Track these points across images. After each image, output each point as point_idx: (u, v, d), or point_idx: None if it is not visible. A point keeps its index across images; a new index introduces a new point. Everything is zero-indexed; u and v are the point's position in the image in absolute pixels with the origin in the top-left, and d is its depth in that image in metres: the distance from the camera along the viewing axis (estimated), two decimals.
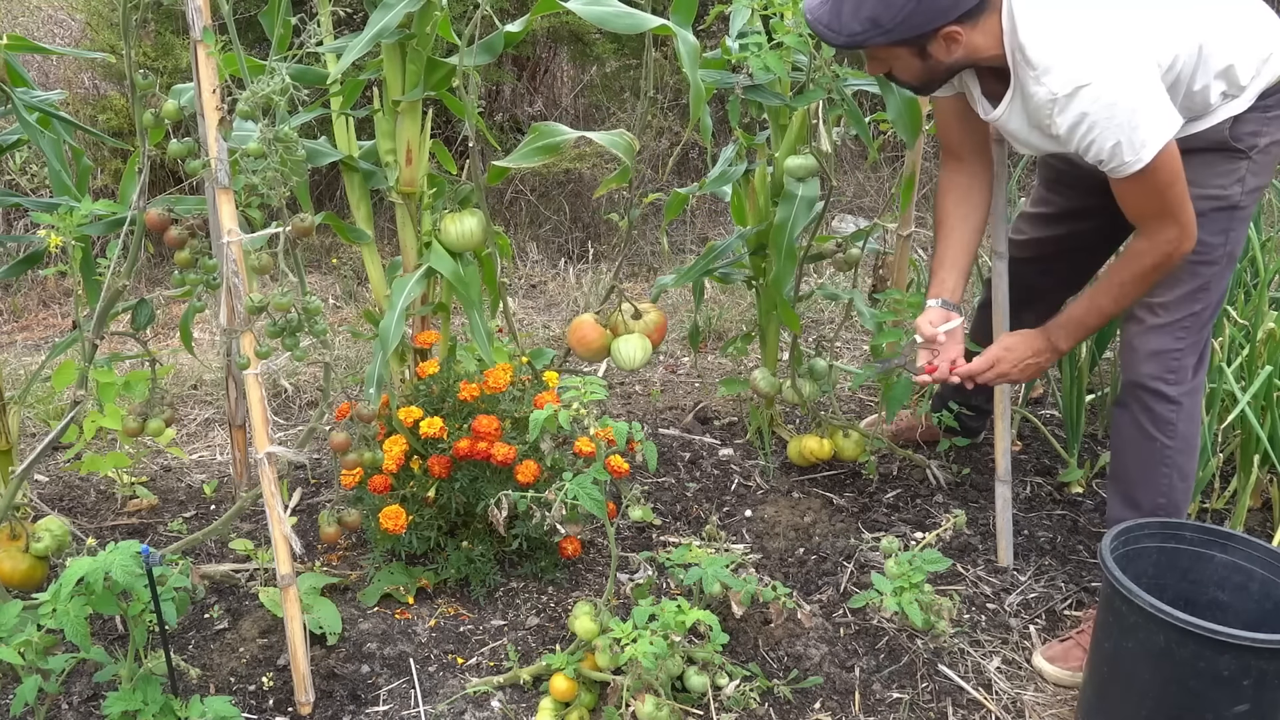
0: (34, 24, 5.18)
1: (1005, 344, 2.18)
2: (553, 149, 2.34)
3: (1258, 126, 1.97)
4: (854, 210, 4.99)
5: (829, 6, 1.87)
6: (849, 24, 1.86)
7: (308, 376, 3.46)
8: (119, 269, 2.06)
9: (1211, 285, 2.06)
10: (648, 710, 1.89)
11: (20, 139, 2.37)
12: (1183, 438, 2.10)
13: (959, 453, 2.85)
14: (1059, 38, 1.84)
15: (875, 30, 1.85)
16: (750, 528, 2.65)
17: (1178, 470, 2.12)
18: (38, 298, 4.35)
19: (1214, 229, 2.01)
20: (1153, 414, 2.10)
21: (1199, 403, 2.13)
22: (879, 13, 1.83)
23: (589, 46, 4.80)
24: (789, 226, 2.48)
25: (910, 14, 1.83)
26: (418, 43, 2.20)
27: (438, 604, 2.35)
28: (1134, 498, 2.16)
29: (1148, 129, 1.81)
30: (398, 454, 2.25)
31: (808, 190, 2.49)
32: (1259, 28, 1.96)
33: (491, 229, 2.35)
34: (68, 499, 2.78)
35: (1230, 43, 1.92)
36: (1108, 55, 1.82)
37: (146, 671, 1.87)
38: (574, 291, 4.35)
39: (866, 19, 1.84)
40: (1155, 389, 2.08)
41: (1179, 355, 2.07)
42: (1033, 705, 2.10)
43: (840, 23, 1.86)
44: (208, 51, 1.77)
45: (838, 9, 1.86)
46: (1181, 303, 2.05)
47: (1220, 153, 1.99)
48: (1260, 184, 2.03)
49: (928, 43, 1.88)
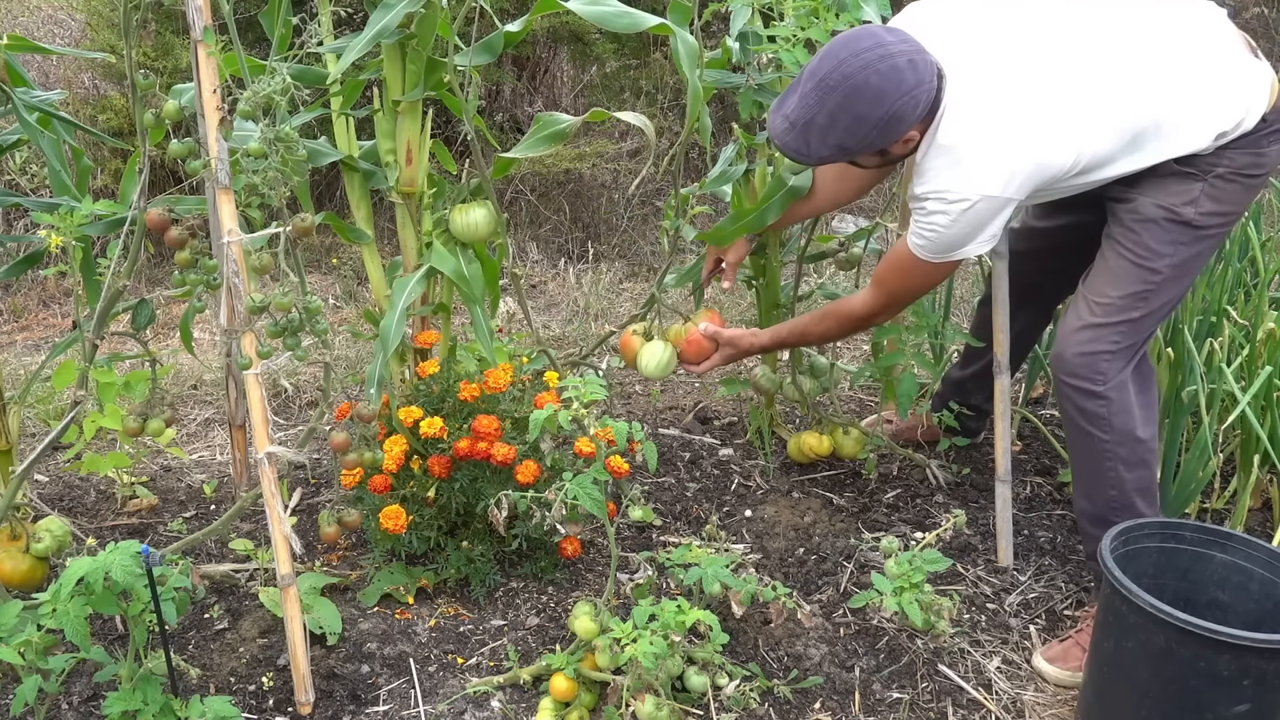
0: (34, 24, 5.18)
1: (727, 339, 2.47)
2: (556, 136, 2.34)
3: (1215, 158, 1.98)
4: (854, 210, 4.98)
5: (796, 134, 1.97)
6: (818, 150, 1.98)
7: (308, 376, 3.46)
8: (119, 269, 2.06)
9: (1153, 295, 2.04)
10: (648, 710, 1.89)
11: (20, 139, 2.36)
12: (1119, 430, 2.08)
13: (959, 453, 2.85)
14: (938, 152, 1.97)
15: (842, 153, 1.99)
16: (750, 528, 2.65)
17: (1122, 462, 2.10)
18: (38, 298, 4.35)
19: (1162, 238, 2.01)
20: (1084, 411, 2.09)
21: (1129, 395, 2.09)
22: (845, 140, 1.95)
23: (589, 46, 4.80)
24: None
25: (874, 140, 1.95)
26: (418, 43, 2.20)
27: (438, 604, 2.35)
28: (1088, 491, 2.17)
29: (955, 249, 2.04)
30: (398, 454, 2.25)
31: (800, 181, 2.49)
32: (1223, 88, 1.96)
33: (501, 218, 2.35)
34: (68, 499, 2.78)
35: (1192, 112, 1.94)
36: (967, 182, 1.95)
37: (146, 671, 1.87)
38: (574, 291, 4.35)
39: (834, 146, 1.96)
40: (1081, 387, 2.08)
41: (1108, 359, 2.06)
42: (1033, 705, 2.10)
43: (809, 149, 1.98)
44: (208, 51, 1.77)
45: (805, 138, 1.96)
46: (1120, 306, 2.05)
47: (1173, 175, 2.00)
48: (1222, 210, 2.01)
49: (889, 147, 2.00)
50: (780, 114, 1.99)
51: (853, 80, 1.89)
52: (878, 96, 1.88)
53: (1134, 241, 2.04)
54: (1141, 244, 2.03)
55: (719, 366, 2.53)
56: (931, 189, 1.99)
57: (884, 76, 1.88)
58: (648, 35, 4.07)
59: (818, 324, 2.38)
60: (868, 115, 1.90)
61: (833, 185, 2.44)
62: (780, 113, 1.99)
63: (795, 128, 1.97)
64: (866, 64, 1.88)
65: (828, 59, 1.92)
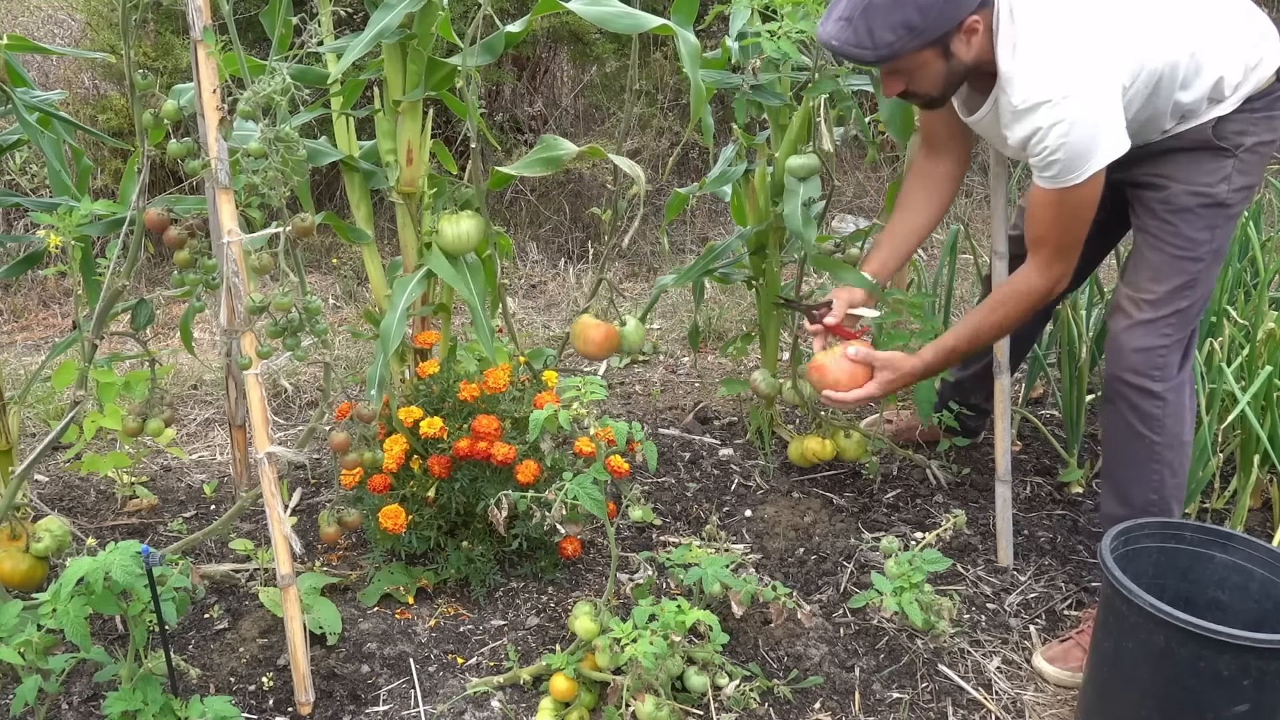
0: (34, 24, 5.18)
1: (884, 361, 2.14)
2: (554, 161, 2.34)
3: (1243, 126, 1.98)
4: (854, 210, 4.99)
5: (849, 28, 1.82)
6: (882, 35, 1.81)
7: (308, 376, 3.46)
8: (119, 269, 2.06)
9: (1198, 282, 2.05)
10: (648, 710, 1.89)
11: (20, 139, 2.37)
12: (1171, 434, 2.10)
13: (959, 453, 2.85)
14: (1028, 50, 1.86)
15: (909, 35, 1.81)
16: (750, 528, 2.65)
17: (1168, 466, 2.12)
18: (38, 298, 4.35)
19: (1199, 225, 2.02)
20: (1139, 411, 2.09)
21: (1185, 398, 2.12)
22: (910, 16, 1.79)
23: (589, 46, 4.80)
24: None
25: (941, 9, 1.80)
26: (419, 43, 2.20)
27: (438, 604, 2.35)
28: (1126, 494, 2.16)
29: (1092, 153, 1.85)
30: (398, 454, 2.25)
31: (809, 189, 2.49)
32: (1249, 34, 1.97)
33: (491, 231, 2.35)
34: (68, 499, 2.78)
35: (1222, 51, 1.94)
36: (1072, 73, 1.83)
37: (146, 671, 1.87)
38: (574, 291, 4.35)
39: (899, 25, 1.80)
40: (1140, 385, 2.08)
41: (1164, 352, 2.06)
42: (1033, 705, 2.10)
43: (872, 38, 1.81)
44: (208, 51, 1.77)
45: (866, 25, 1.81)
46: (1168, 299, 2.05)
47: (1206, 151, 2.00)
48: (1248, 183, 2.03)
49: (951, 39, 1.85)
50: (830, 20, 1.86)
51: None
52: None
53: (1171, 233, 2.04)
54: (1180, 235, 2.02)
55: (876, 398, 2.17)
56: (1034, 96, 1.83)
57: None
58: (648, 35, 4.06)
59: (991, 315, 2.11)
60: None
61: (921, 195, 2.29)
62: (830, 19, 1.86)
63: (851, 21, 1.81)
64: None
65: None
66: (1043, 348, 2.99)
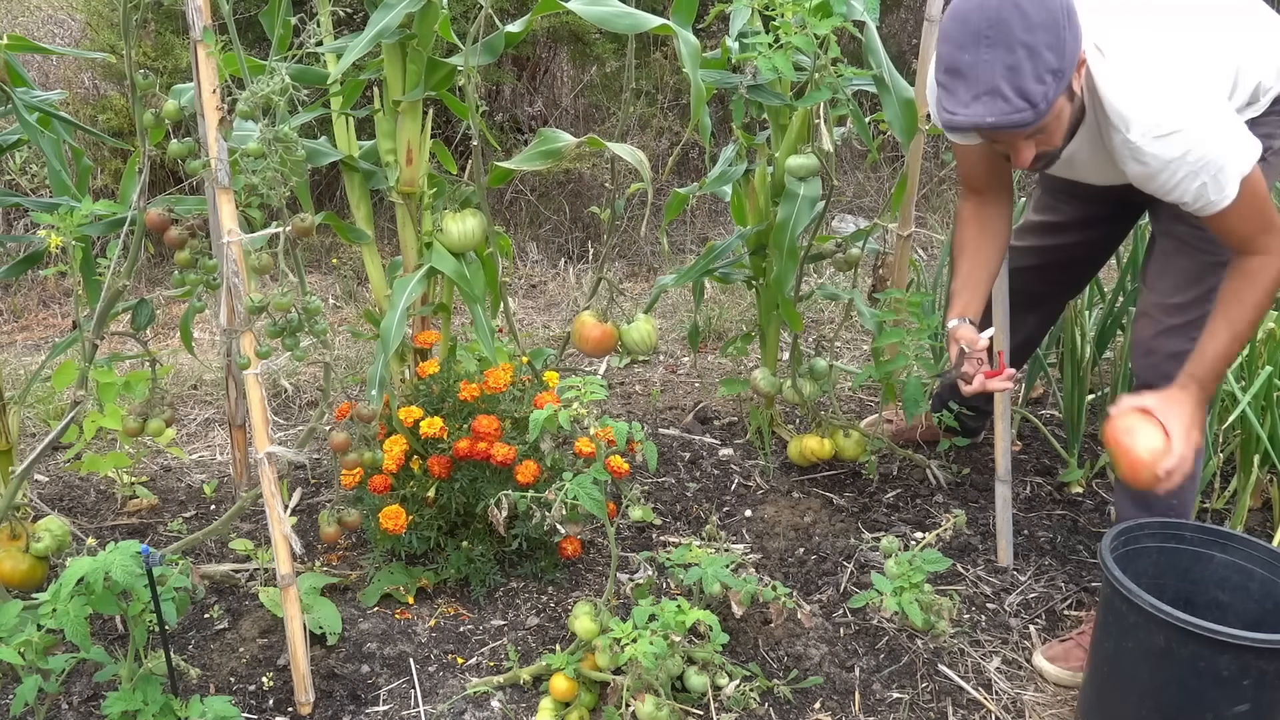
0: (34, 24, 5.18)
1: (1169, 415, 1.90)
2: (554, 154, 2.35)
3: (1271, 129, 1.97)
4: (854, 210, 4.99)
5: (997, 100, 1.67)
6: (1034, 90, 1.66)
7: (308, 376, 3.46)
8: (119, 269, 2.06)
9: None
10: (648, 710, 1.89)
11: (20, 139, 2.37)
12: None
13: (959, 453, 2.85)
14: (1137, 84, 1.77)
15: (1055, 80, 1.67)
16: (750, 528, 2.65)
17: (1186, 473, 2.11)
18: (38, 298, 4.35)
19: None
20: None
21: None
22: (1049, 60, 1.65)
23: (589, 46, 4.80)
24: (791, 226, 2.49)
25: (1071, 42, 1.67)
26: (418, 43, 2.20)
27: (438, 604, 2.35)
28: (1146, 500, 2.14)
29: (1232, 168, 1.77)
30: (398, 454, 2.25)
31: (809, 190, 2.49)
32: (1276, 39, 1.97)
33: (493, 229, 2.35)
34: (68, 499, 2.78)
35: (1258, 60, 1.93)
36: (1187, 99, 1.77)
37: (146, 671, 1.87)
38: (574, 291, 4.35)
39: (1044, 73, 1.66)
40: None
41: None
42: (1033, 705, 2.10)
43: (1027, 98, 1.66)
44: (208, 51, 1.77)
45: (1014, 88, 1.66)
46: (1197, 303, 2.04)
47: None
48: (1272, 184, 2.03)
49: (1074, 78, 1.73)
50: (966, 105, 1.69)
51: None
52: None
53: (1199, 238, 2.01)
54: (1210, 240, 1.98)
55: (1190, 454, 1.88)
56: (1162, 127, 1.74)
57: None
58: (647, 35, 4.06)
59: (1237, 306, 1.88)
60: (1051, 9, 1.65)
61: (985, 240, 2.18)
62: (963, 104, 1.70)
63: (996, 92, 1.65)
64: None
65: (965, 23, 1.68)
66: (1043, 348, 2.99)
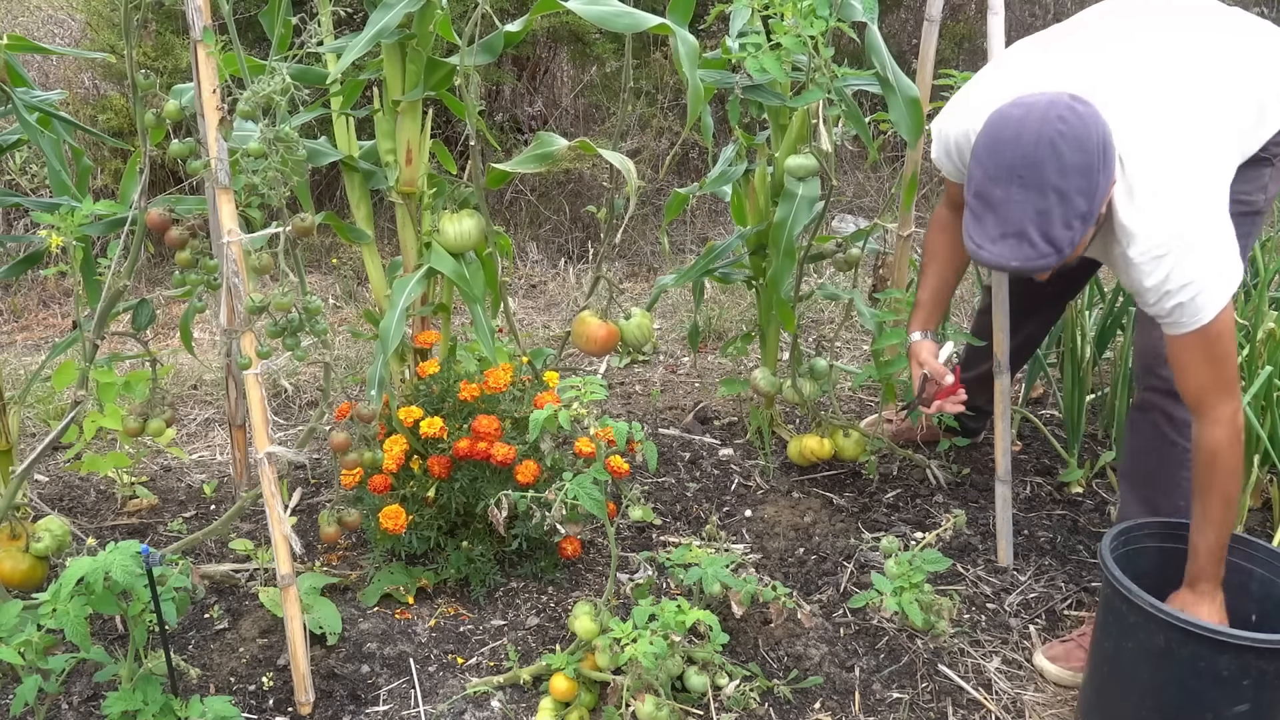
0: (34, 24, 5.18)
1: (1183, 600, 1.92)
2: (548, 157, 2.36)
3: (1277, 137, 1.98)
4: (854, 210, 4.99)
5: (1023, 245, 1.66)
6: (1061, 236, 1.65)
7: (308, 376, 3.46)
8: (119, 269, 2.06)
9: None
10: (648, 710, 1.89)
11: (20, 139, 2.37)
12: None
13: (959, 453, 2.85)
14: (1144, 201, 1.75)
15: (1083, 223, 1.67)
16: (750, 528, 2.65)
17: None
18: (38, 298, 4.35)
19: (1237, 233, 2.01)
20: (1174, 419, 2.08)
21: None
22: (1079, 205, 1.65)
23: (589, 46, 4.80)
24: (789, 226, 2.49)
25: (1103, 182, 1.67)
26: (418, 43, 2.20)
27: (438, 604, 2.35)
28: (1154, 503, 2.14)
29: (1212, 293, 1.75)
30: (398, 454, 2.25)
31: (808, 190, 2.49)
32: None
33: (491, 230, 2.36)
34: (68, 499, 2.78)
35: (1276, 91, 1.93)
36: (1188, 218, 1.75)
37: (146, 671, 1.87)
38: (574, 291, 4.35)
39: (1073, 219, 1.65)
40: (1175, 392, 2.06)
41: None
42: (1033, 705, 2.10)
43: (1053, 244, 1.66)
44: (208, 51, 1.77)
45: (1040, 233, 1.65)
46: None
47: (1249, 162, 1.98)
48: (1274, 192, 2.04)
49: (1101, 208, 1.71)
50: (991, 243, 1.69)
51: (1045, 136, 1.64)
52: (1080, 134, 1.64)
53: None
54: None
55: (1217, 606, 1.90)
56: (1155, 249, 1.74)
57: (1061, 117, 1.65)
58: (647, 35, 4.06)
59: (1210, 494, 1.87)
60: (1088, 151, 1.64)
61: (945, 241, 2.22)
62: (988, 241, 1.69)
63: (1023, 236, 1.66)
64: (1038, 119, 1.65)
65: (999, 154, 1.67)
66: (1043, 348, 2.99)
